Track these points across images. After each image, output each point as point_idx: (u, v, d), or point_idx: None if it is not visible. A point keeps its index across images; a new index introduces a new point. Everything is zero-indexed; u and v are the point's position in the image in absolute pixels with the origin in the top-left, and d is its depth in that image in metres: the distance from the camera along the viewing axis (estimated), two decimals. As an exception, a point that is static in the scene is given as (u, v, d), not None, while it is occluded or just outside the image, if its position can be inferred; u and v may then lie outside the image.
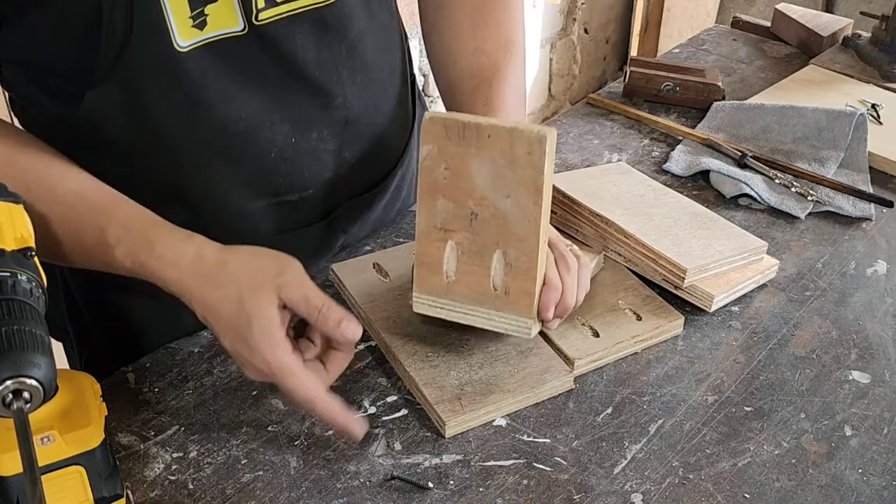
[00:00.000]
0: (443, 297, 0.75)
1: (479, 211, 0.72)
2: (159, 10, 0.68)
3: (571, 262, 0.75)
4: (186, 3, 0.69)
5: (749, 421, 0.76)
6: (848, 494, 0.70)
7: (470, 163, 0.71)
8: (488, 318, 0.74)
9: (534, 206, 0.70)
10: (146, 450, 0.72)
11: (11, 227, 0.61)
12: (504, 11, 0.91)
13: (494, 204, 0.71)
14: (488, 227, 0.72)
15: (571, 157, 1.14)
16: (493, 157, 0.70)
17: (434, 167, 0.72)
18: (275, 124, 0.80)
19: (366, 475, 0.70)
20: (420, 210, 0.74)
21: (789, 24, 1.46)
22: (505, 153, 0.70)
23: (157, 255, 0.69)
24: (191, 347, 0.82)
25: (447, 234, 0.73)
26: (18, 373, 0.52)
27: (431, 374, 0.77)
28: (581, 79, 3.16)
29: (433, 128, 0.71)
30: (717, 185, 1.07)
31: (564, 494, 0.69)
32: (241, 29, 0.73)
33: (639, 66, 1.29)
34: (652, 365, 0.82)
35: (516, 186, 0.70)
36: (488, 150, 0.70)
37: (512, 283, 0.72)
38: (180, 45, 0.70)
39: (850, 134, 1.12)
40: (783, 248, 0.98)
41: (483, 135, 0.70)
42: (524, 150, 0.69)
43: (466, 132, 0.70)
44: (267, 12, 0.73)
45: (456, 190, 0.72)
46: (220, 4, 0.71)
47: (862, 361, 0.83)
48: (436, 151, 0.72)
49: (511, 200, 0.71)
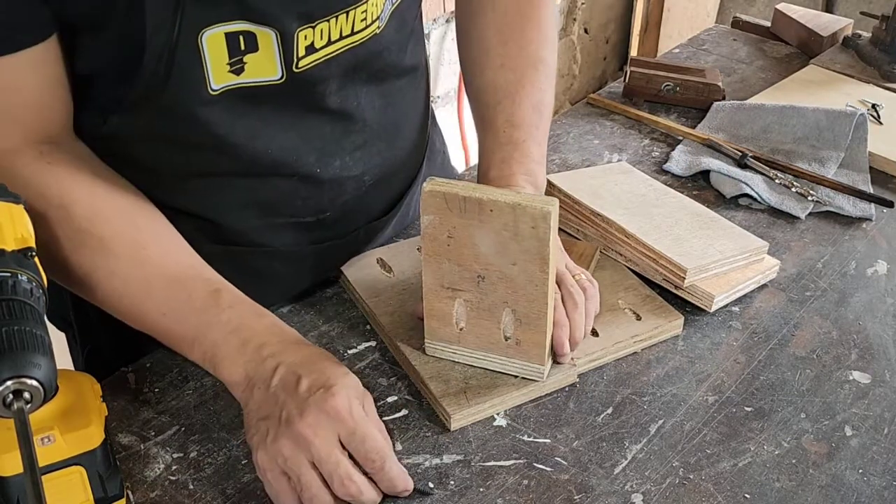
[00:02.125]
0: (454, 345, 0.77)
1: (486, 274, 0.72)
2: (199, 59, 0.68)
3: (578, 299, 0.78)
4: (226, 51, 0.68)
5: (749, 421, 0.76)
6: (848, 495, 0.70)
7: (473, 233, 0.71)
8: (500, 364, 0.77)
9: (541, 273, 0.70)
10: (146, 450, 0.72)
11: (12, 227, 0.61)
12: (534, 28, 0.91)
13: (500, 268, 0.72)
14: (496, 289, 0.73)
15: (571, 157, 1.14)
16: (496, 230, 0.70)
17: (437, 235, 0.72)
18: (300, 157, 0.80)
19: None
20: (426, 270, 0.74)
21: (789, 24, 1.46)
22: (508, 227, 0.69)
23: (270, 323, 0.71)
24: (191, 347, 0.82)
25: (455, 293, 0.74)
26: (19, 373, 0.52)
27: (436, 367, 0.78)
28: (581, 79, 3.16)
29: (433, 200, 0.70)
30: (718, 185, 1.07)
31: (565, 495, 0.69)
32: (279, 78, 0.72)
33: (639, 66, 1.29)
34: (652, 365, 0.82)
35: (522, 256, 0.70)
36: (491, 222, 0.70)
37: (522, 335, 0.74)
38: (213, 89, 0.70)
39: (851, 134, 1.12)
40: (783, 248, 0.98)
41: (485, 209, 0.69)
42: (528, 226, 0.68)
43: (468, 206, 0.70)
44: (306, 59, 0.72)
45: (461, 256, 0.72)
46: (260, 55, 0.70)
47: (862, 361, 0.83)
48: (437, 221, 0.71)
49: (517, 268, 0.71)
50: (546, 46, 0.91)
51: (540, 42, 0.90)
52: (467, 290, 0.74)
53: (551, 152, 1.15)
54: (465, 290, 0.74)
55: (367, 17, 0.75)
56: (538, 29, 0.91)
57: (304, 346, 0.71)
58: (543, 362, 0.76)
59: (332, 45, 0.74)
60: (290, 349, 0.69)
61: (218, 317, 0.70)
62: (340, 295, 0.89)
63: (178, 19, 0.65)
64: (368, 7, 0.74)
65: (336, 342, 0.83)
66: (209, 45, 0.67)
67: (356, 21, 0.74)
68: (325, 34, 0.72)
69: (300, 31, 0.70)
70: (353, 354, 0.82)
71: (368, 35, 0.76)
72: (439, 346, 0.77)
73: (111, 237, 0.70)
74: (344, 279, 0.89)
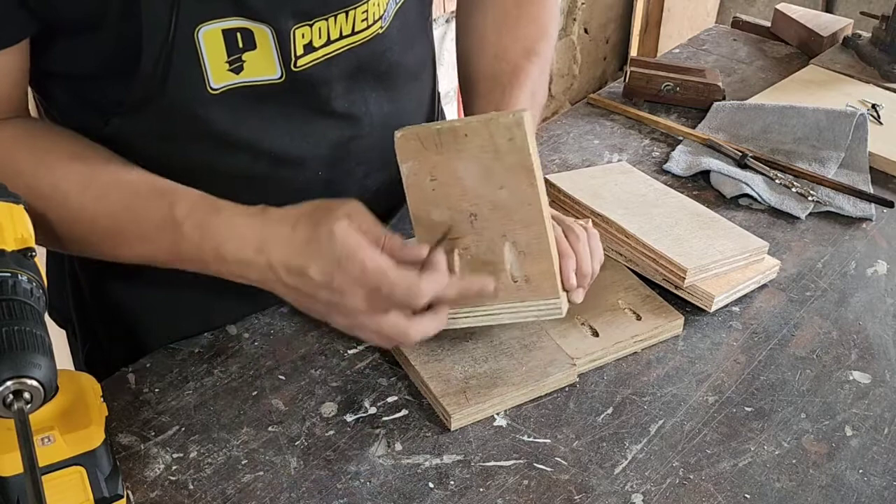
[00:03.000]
0: (466, 307, 0.74)
1: (477, 210, 0.71)
2: (196, 56, 0.68)
3: (580, 232, 0.75)
4: (224, 49, 0.69)
5: (749, 421, 0.76)
6: (848, 495, 0.70)
7: (455, 167, 0.70)
8: (516, 311, 0.73)
9: (529, 187, 0.69)
10: (146, 450, 0.72)
11: (12, 227, 0.61)
12: (530, 21, 0.91)
13: (490, 199, 0.70)
14: (490, 224, 0.71)
15: (572, 157, 1.14)
16: (476, 155, 0.69)
17: (419, 182, 0.71)
18: (304, 158, 0.80)
19: (366, 475, 0.70)
20: (418, 230, 0.73)
21: (789, 25, 1.46)
22: (487, 147, 0.68)
23: (226, 217, 0.69)
24: (191, 348, 0.82)
25: (451, 244, 0.73)
26: (19, 373, 0.52)
27: (436, 367, 0.77)
28: (581, 79, 3.16)
29: (408, 144, 0.70)
30: (718, 185, 1.07)
31: (565, 495, 0.69)
32: (279, 77, 0.72)
33: (639, 66, 1.29)
34: (652, 365, 0.82)
35: (507, 175, 0.69)
36: (469, 149, 0.69)
37: (530, 269, 0.71)
38: (213, 87, 0.70)
39: (851, 134, 1.12)
40: (783, 248, 0.98)
41: (460, 135, 0.69)
42: (505, 138, 0.67)
43: (443, 138, 0.69)
44: (305, 58, 0.72)
45: (448, 197, 0.71)
46: (258, 53, 0.70)
47: (862, 362, 0.83)
48: (417, 166, 0.71)
49: (506, 190, 0.69)
50: (542, 40, 0.91)
51: (536, 36, 0.91)
52: (463, 235, 0.72)
53: (551, 152, 1.15)
54: (461, 236, 0.72)
55: (369, 17, 0.75)
56: (535, 22, 0.91)
57: (270, 224, 0.68)
58: (558, 294, 0.72)
59: (332, 44, 0.74)
60: (267, 238, 0.67)
61: (181, 232, 0.69)
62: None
63: (174, 16, 0.65)
64: (370, 7, 0.74)
65: (336, 342, 0.83)
66: (206, 41, 0.67)
67: (357, 21, 0.74)
68: (323, 33, 0.72)
69: (297, 28, 0.70)
70: (353, 354, 0.82)
71: (371, 35, 0.76)
72: (452, 314, 0.74)
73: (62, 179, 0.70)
74: (344, 279, 0.89)
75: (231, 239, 0.68)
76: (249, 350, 0.82)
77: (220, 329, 0.84)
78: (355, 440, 0.73)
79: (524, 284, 0.72)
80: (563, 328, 0.82)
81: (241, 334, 0.84)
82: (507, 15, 0.90)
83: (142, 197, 0.70)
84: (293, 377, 0.79)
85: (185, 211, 0.69)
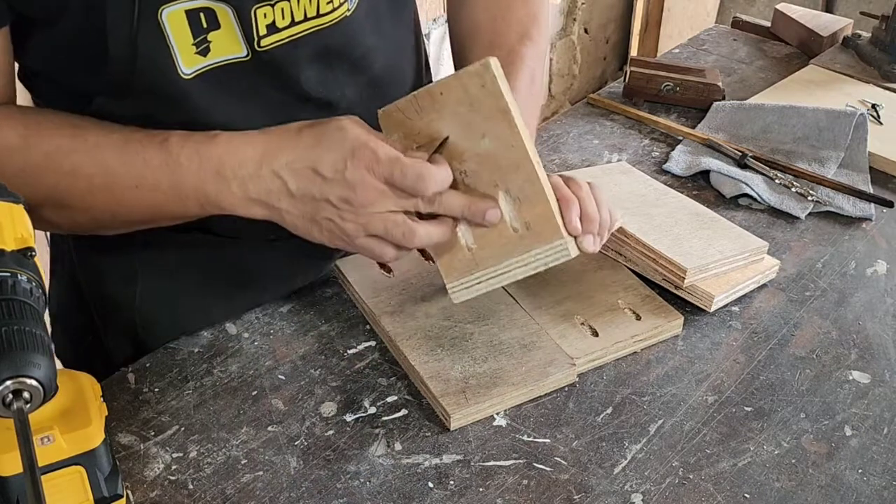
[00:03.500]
0: (475, 272, 0.73)
1: (465, 167, 0.71)
2: (162, 39, 0.68)
3: (581, 181, 0.73)
4: (189, 30, 0.69)
5: (749, 421, 0.76)
6: (848, 494, 0.70)
7: (436, 127, 0.71)
8: (525, 263, 0.71)
9: (509, 129, 0.68)
10: (146, 450, 0.72)
11: (11, 227, 0.61)
12: (522, 6, 0.92)
13: (475, 151, 0.70)
14: (480, 176, 0.71)
15: (571, 157, 1.14)
16: (453, 111, 0.70)
17: (406, 152, 0.71)
18: None
19: (365, 475, 0.70)
20: None
21: (789, 24, 1.46)
22: (462, 100, 0.69)
23: (224, 139, 0.69)
24: (191, 347, 0.83)
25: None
26: (18, 373, 0.52)
27: (436, 367, 0.77)
28: (581, 79, 3.16)
29: (390, 118, 0.72)
30: (718, 185, 1.07)
31: (564, 494, 0.69)
32: (245, 55, 0.72)
33: (639, 66, 1.29)
34: (652, 365, 0.82)
35: (486, 123, 0.69)
36: (446, 106, 0.70)
37: (528, 214, 0.70)
38: (184, 72, 0.70)
39: (851, 134, 1.12)
40: (783, 248, 0.98)
41: (436, 95, 0.70)
42: (477, 85, 0.68)
43: (421, 102, 0.70)
44: (269, 38, 0.73)
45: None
46: (223, 32, 0.70)
47: (862, 361, 0.83)
48: (402, 136, 0.72)
49: (488, 138, 0.69)
50: (535, 24, 0.92)
51: (528, 20, 0.91)
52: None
53: (551, 152, 1.15)
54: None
55: (334, 0, 0.75)
56: (526, 7, 0.92)
57: (273, 135, 0.68)
58: (561, 235, 0.69)
59: (297, 25, 0.74)
60: (270, 148, 0.68)
61: (178, 163, 0.68)
62: (340, 295, 0.89)
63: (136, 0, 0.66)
64: None
65: (336, 342, 0.83)
66: (171, 24, 0.68)
67: (321, 3, 0.74)
68: (286, 13, 0.73)
69: (257, 8, 0.70)
70: (352, 354, 0.82)
71: (337, 18, 0.76)
72: (463, 283, 0.73)
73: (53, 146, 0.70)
74: (343, 279, 0.89)
75: (231, 156, 0.68)
76: (249, 350, 0.82)
77: (220, 328, 0.84)
78: (355, 440, 0.73)
79: (526, 232, 0.70)
80: (562, 328, 0.82)
81: (240, 334, 0.84)
82: (497, 4, 0.91)
83: (133, 142, 0.70)
84: (293, 377, 0.79)
85: (179, 142, 0.69)
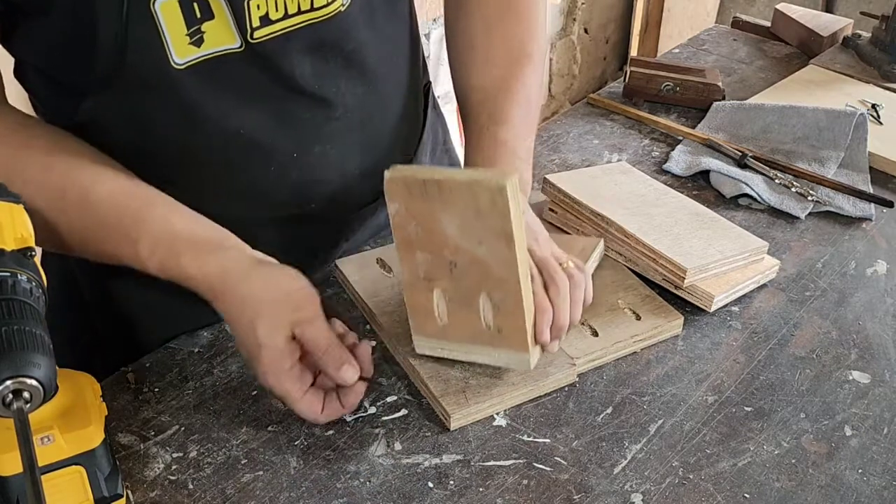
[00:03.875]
0: (441, 340, 0.76)
1: (457, 260, 0.72)
2: (154, 28, 0.68)
3: (561, 284, 0.74)
4: (183, 21, 0.69)
5: (749, 421, 0.76)
6: (848, 494, 0.70)
7: (438, 217, 0.70)
8: (487, 354, 0.75)
9: (507, 250, 0.69)
10: (146, 450, 0.72)
11: (11, 227, 0.61)
12: (519, 21, 0.89)
13: (470, 252, 0.71)
14: (468, 275, 0.72)
15: (571, 157, 1.14)
16: (458, 210, 0.69)
17: (405, 224, 0.72)
18: (275, 139, 0.79)
19: (366, 475, 0.70)
20: (402, 263, 0.74)
21: (789, 24, 1.46)
22: (469, 205, 0.69)
23: (184, 268, 0.72)
24: (191, 347, 0.82)
25: (431, 284, 0.74)
26: (18, 373, 0.52)
27: (436, 367, 0.78)
28: (581, 79, 3.16)
29: (395, 187, 0.71)
30: (717, 185, 1.07)
31: (564, 494, 0.69)
32: (239, 46, 0.72)
33: (639, 66, 1.29)
34: (652, 365, 0.82)
35: (486, 234, 0.69)
36: (453, 203, 0.69)
37: (503, 322, 0.73)
38: (177, 63, 0.70)
39: (850, 134, 1.12)
40: (783, 248, 0.98)
41: (444, 189, 0.69)
42: (487, 200, 0.68)
43: (428, 189, 0.70)
44: (262, 30, 0.72)
45: (430, 243, 0.72)
46: (217, 22, 0.70)
47: (862, 361, 0.83)
48: (403, 210, 0.71)
49: (485, 247, 0.70)
50: (532, 40, 0.90)
51: (525, 36, 0.89)
52: (442, 279, 0.73)
53: (551, 152, 1.15)
54: (440, 279, 0.73)
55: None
56: (524, 22, 0.90)
57: (225, 301, 0.72)
58: (528, 350, 0.72)
59: (290, 18, 0.74)
60: (216, 300, 0.72)
61: (146, 266, 0.73)
62: (340, 295, 0.89)
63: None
64: None
65: (336, 342, 0.83)
66: (164, 14, 0.68)
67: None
68: (280, 6, 0.72)
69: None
70: (352, 354, 0.82)
71: (332, 12, 0.75)
72: (427, 342, 0.77)
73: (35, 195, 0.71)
74: (343, 279, 0.89)
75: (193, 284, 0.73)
76: (249, 350, 0.82)
77: (220, 329, 0.84)
78: (355, 440, 0.73)
79: (496, 334, 0.74)
80: (562, 328, 0.82)
81: (240, 334, 0.84)
82: (493, 14, 0.89)
83: (109, 227, 0.73)
84: (293, 377, 0.79)
85: (148, 251, 0.72)
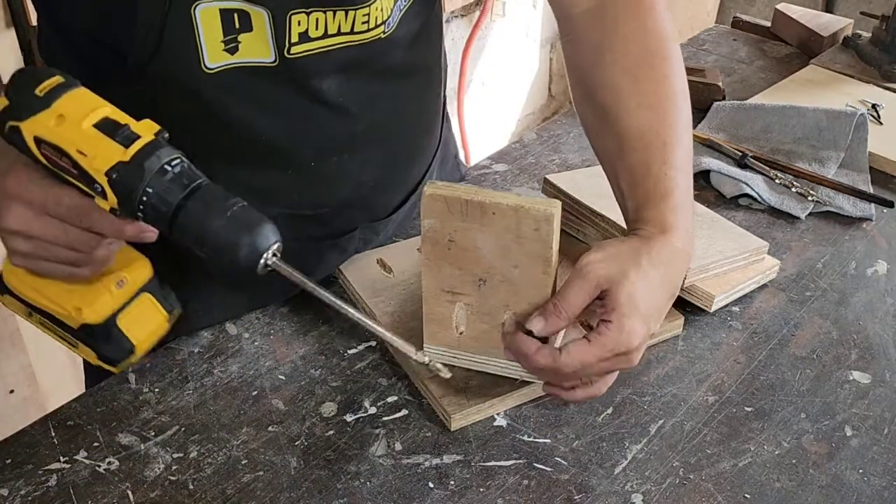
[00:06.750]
0: (454, 349, 0.76)
1: (487, 278, 0.72)
2: (191, 31, 0.68)
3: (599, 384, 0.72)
4: (220, 28, 0.69)
5: (749, 421, 0.76)
6: (848, 495, 0.70)
7: (475, 237, 0.70)
8: (500, 366, 0.75)
9: (543, 275, 0.70)
10: (146, 450, 0.72)
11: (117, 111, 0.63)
12: (664, 62, 0.83)
13: (502, 273, 0.71)
14: (497, 292, 0.72)
15: (571, 157, 1.14)
16: (498, 233, 0.69)
17: (438, 239, 0.71)
18: (296, 148, 0.79)
19: (366, 475, 0.70)
20: (426, 274, 0.73)
21: (789, 24, 1.46)
22: (511, 229, 0.69)
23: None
24: (191, 347, 0.82)
25: (455, 297, 0.73)
26: (278, 237, 0.63)
27: None
28: (581, 79, 3.15)
29: (434, 204, 0.70)
30: (718, 185, 1.07)
31: (565, 495, 0.69)
32: (273, 61, 0.72)
33: (639, 66, 1.29)
34: (652, 365, 0.82)
35: (524, 258, 0.69)
36: (493, 225, 0.69)
37: None
38: (208, 66, 0.71)
39: (851, 134, 1.12)
40: (783, 248, 0.98)
41: (487, 212, 0.68)
42: (531, 227, 0.68)
43: (470, 209, 0.69)
44: (299, 47, 0.72)
45: (461, 260, 0.72)
46: (254, 35, 0.71)
47: (862, 362, 0.83)
48: (439, 225, 0.71)
49: (519, 270, 0.70)
50: (681, 79, 0.84)
51: (673, 75, 0.83)
52: (468, 294, 0.73)
53: (551, 152, 1.15)
54: (466, 294, 0.73)
55: (371, 21, 0.75)
56: (669, 62, 0.83)
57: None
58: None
59: (330, 38, 0.74)
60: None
61: None
62: (340, 295, 0.89)
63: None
64: (371, 11, 0.74)
65: (336, 342, 0.83)
66: (203, 19, 0.68)
67: (357, 22, 0.74)
68: (321, 25, 0.72)
69: (293, 14, 0.70)
70: (352, 354, 0.82)
71: (372, 38, 0.76)
72: (438, 350, 0.77)
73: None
74: (343, 279, 0.89)
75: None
76: (249, 350, 0.82)
77: (220, 329, 0.84)
78: (355, 440, 0.73)
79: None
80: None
81: (241, 334, 0.84)
82: (636, 61, 0.82)
83: None
84: (293, 377, 0.79)
85: None
